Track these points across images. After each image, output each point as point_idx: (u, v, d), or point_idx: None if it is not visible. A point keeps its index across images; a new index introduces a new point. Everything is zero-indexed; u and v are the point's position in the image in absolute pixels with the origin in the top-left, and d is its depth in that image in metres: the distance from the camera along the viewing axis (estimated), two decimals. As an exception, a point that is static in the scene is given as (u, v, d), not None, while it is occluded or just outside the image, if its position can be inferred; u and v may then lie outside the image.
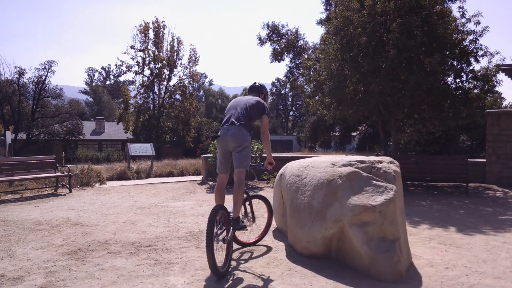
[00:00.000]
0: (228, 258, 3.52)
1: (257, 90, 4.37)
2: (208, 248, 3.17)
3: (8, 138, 15.06)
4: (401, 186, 4.01)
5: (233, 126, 3.78)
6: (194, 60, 31.64)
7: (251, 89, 4.41)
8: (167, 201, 7.53)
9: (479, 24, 8.99)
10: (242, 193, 3.78)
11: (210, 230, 3.23)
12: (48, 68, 32.36)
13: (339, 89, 9.50)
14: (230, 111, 3.97)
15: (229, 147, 3.82)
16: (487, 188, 8.99)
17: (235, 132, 3.75)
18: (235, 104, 4.03)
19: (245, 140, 3.79)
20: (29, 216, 6.00)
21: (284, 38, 20.08)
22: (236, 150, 3.79)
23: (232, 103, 4.08)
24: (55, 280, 3.28)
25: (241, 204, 3.78)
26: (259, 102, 4.04)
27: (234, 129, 3.77)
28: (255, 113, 3.97)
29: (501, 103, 24.41)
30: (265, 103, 4.14)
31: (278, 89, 61.29)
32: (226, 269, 3.43)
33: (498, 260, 3.88)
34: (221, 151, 3.92)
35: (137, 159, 13.91)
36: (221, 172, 3.96)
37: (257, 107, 3.99)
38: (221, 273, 3.31)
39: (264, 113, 4.02)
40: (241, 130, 3.77)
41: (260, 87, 4.39)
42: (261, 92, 4.37)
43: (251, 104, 3.97)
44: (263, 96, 4.36)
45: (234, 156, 3.83)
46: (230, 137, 3.76)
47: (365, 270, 3.41)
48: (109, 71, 69.69)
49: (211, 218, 3.30)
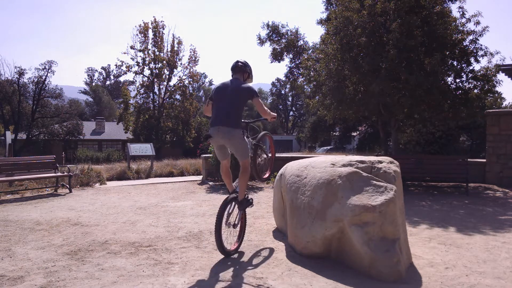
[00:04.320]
0: (241, 236, 4.21)
1: (240, 70, 4.11)
2: (216, 230, 3.67)
3: (8, 138, 15.04)
4: (401, 186, 4.01)
5: (223, 128, 3.78)
6: (194, 60, 31.66)
7: (234, 69, 4.12)
8: (167, 201, 7.53)
9: (479, 24, 9.00)
10: (247, 179, 4.02)
11: (219, 216, 3.70)
12: (48, 68, 32.42)
13: (339, 89, 9.51)
14: (217, 103, 3.91)
15: (223, 143, 3.97)
16: (487, 188, 8.99)
17: (225, 134, 3.80)
18: (220, 95, 3.91)
19: (237, 137, 3.84)
20: (29, 216, 6.00)
21: (284, 38, 20.06)
22: (232, 149, 3.96)
23: (218, 92, 3.95)
24: (55, 280, 3.28)
25: (245, 188, 4.06)
26: (244, 90, 3.90)
27: (224, 130, 3.78)
28: (243, 100, 3.92)
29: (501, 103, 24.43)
30: (251, 87, 3.97)
31: (278, 89, 61.31)
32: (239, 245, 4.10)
33: (498, 260, 3.88)
34: (216, 146, 4.10)
35: (137, 159, 13.91)
36: (222, 159, 4.16)
37: (244, 95, 3.90)
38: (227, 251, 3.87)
39: (253, 97, 3.89)
40: (231, 131, 3.79)
41: (244, 66, 4.12)
42: (245, 71, 4.14)
43: (237, 95, 3.87)
44: (247, 75, 4.17)
45: (233, 152, 4.00)
46: (221, 139, 3.87)
47: (365, 270, 3.41)
48: (109, 71, 69.67)
49: (221, 208, 3.76)
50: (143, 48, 29.91)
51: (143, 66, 30.42)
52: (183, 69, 31.61)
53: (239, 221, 4.04)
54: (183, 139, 31.38)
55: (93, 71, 69.31)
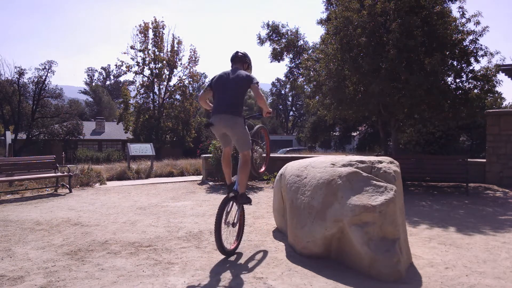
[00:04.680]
0: (240, 234, 4.19)
1: (240, 60, 4.18)
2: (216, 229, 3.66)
3: (8, 138, 15.05)
4: (401, 186, 4.01)
5: (225, 115, 3.85)
6: (194, 60, 31.67)
7: (234, 59, 4.19)
8: (167, 201, 7.53)
9: (479, 24, 9.00)
10: (248, 172, 4.00)
11: (219, 216, 3.68)
12: (48, 68, 32.43)
13: (339, 89, 9.50)
14: (218, 93, 3.97)
15: (224, 131, 3.99)
16: (487, 188, 8.99)
17: (228, 122, 3.86)
18: (222, 84, 3.97)
19: (239, 125, 3.89)
20: (29, 216, 6.00)
21: (284, 38, 20.05)
22: (234, 137, 3.97)
23: (219, 82, 4.01)
24: (55, 280, 3.29)
25: (246, 181, 4.02)
26: (244, 78, 3.95)
27: (227, 118, 3.85)
28: (244, 89, 3.98)
29: (501, 103, 24.42)
30: (250, 74, 4.04)
31: (278, 89, 61.29)
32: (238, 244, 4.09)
33: (498, 260, 3.88)
34: (218, 134, 4.11)
35: (137, 159, 13.92)
36: (224, 146, 4.19)
37: (244, 83, 3.95)
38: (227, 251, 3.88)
39: (251, 83, 3.94)
40: (234, 119, 3.85)
41: (243, 56, 4.20)
42: (245, 61, 4.21)
43: (239, 84, 3.93)
44: (247, 66, 4.23)
45: (234, 141, 4.02)
46: (223, 127, 3.93)
47: (365, 270, 3.41)
48: (109, 71, 69.67)
49: (220, 208, 3.76)
50: (143, 48, 29.92)
51: (143, 66, 30.44)
52: (183, 69, 31.65)
53: (238, 219, 4.06)
54: (183, 139, 31.38)
55: (93, 71, 69.34)
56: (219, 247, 3.75)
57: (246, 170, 3.99)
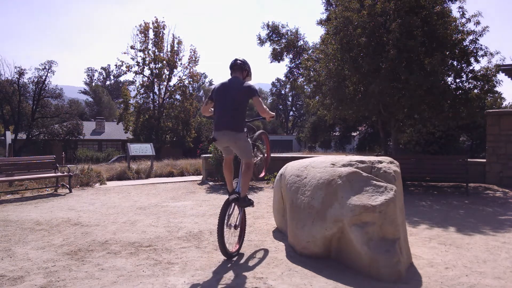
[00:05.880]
0: (241, 236, 4.19)
1: (239, 68, 4.13)
2: (219, 234, 3.67)
3: (8, 138, 15.03)
4: (401, 186, 4.01)
5: (228, 132, 3.86)
6: (194, 60, 31.64)
7: (233, 67, 4.13)
8: (167, 201, 7.53)
9: (479, 24, 9.00)
10: (250, 176, 4.06)
11: (221, 219, 3.70)
12: (48, 68, 32.44)
13: (339, 89, 9.50)
14: (219, 107, 3.95)
15: (227, 145, 4.05)
16: (487, 188, 8.99)
17: (231, 138, 3.90)
18: (222, 97, 3.94)
19: (242, 140, 3.94)
20: (29, 216, 6.00)
21: (284, 38, 20.08)
22: (237, 150, 4.03)
23: (219, 94, 3.97)
24: (55, 280, 3.29)
25: (248, 185, 4.07)
26: (245, 90, 3.92)
27: (229, 134, 3.87)
28: (244, 103, 3.97)
29: (501, 103, 24.43)
30: (251, 86, 3.98)
31: (278, 89, 61.32)
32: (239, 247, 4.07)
33: (498, 260, 3.88)
34: (221, 147, 4.22)
35: (137, 159, 13.92)
36: (226, 155, 4.24)
37: (246, 95, 3.94)
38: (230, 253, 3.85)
39: (253, 96, 3.91)
40: (236, 135, 3.87)
41: (243, 64, 4.14)
42: (244, 69, 4.15)
43: (239, 97, 3.90)
44: (246, 73, 4.19)
45: (237, 153, 4.07)
46: (226, 142, 3.97)
47: (365, 270, 3.41)
48: (109, 71, 69.70)
49: (223, 210, 3.76)
50: (143, 48, 29.88)
51: (143, 66, 30.39)
52: (183, 69, 31.60)
53: (240, 222, 4.06)
54: (183, 139, 31.36)
55: (93, 71, 69.37)
56: (222, 250, 3.74)
57: (248, 174, 4.04)
